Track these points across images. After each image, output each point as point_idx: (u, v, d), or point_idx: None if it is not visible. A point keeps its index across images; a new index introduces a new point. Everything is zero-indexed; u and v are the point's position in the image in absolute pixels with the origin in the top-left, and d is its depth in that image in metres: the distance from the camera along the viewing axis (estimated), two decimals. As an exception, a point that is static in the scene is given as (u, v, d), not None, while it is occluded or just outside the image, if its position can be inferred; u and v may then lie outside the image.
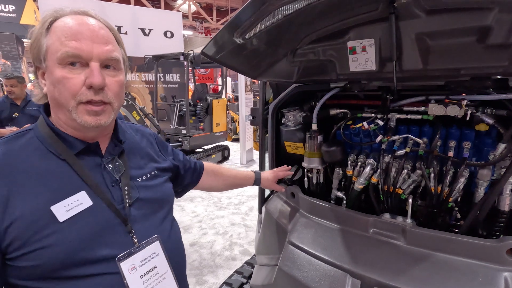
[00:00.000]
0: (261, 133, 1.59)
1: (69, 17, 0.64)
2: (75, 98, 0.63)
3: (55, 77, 0.62)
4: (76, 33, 0.62)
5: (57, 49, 0.61)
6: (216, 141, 6.55)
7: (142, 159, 0.83)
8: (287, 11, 0.86)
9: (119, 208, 0.69)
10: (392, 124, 1.13)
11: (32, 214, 0.59)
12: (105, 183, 0.70)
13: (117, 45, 0.71)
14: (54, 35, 0.62)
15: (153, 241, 0.73)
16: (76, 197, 0.64)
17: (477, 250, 0.87)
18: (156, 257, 0.73)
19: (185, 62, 5.80)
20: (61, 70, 0.62)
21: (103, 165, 0.71)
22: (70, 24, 0.63)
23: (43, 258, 0.59)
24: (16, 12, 10.79)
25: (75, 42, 0.61)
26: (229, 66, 1.14)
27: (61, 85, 0.62)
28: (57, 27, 0.63)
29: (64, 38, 0.61)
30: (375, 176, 1.14)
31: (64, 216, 0.61)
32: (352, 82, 1.17)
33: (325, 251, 1.06)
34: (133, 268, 0.68)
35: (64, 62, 0.62)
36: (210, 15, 19.54)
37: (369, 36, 0.96)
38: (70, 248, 0.61)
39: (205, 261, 2.82)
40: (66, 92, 0.62)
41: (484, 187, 0.98)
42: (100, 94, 0.64)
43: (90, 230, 0.64)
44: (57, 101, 0.64)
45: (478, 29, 0.80)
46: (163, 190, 0.85)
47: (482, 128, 1.00)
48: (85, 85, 0.63)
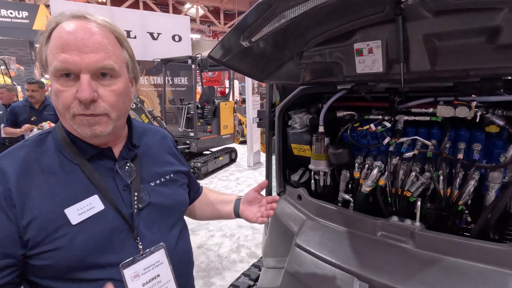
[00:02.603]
0: (268, 136, 1.59)
1: (64, 24, 0.61)
2: (69, 111, 0.61)
3: (53, 89, 0.62)
4: (64, 44, 0.59)
5: (50, 61, 0.60)
6: (223, 144, 6.57)
7: (158, 163, 0.83)
8: (293, 14, 0.86)
9: (127, 213, 0.69)
10: (399, 126, 1.12)
11: (48, 215, 0.61)
12: (117, 188, 0.71)
13: (117, 49, 0.66)
14: (49, 46, 0.61)
15: (158, 249, 0.73)
16: (88, 200, 0.65)
17: (488, 254, 0.86)
18: (160, 266, 0.72)
19: (192, 65, 5.85)
20: (56, 82, 0.61)
21: (115, 170, 0.72)
22: (61, 33, 0.60)
23: (54, 259, 0.60)
24: (29, 18, 11.09)
25: (64, 54, 0.59)
26: (236, 69, 1.15)
27: (57, 98, 0.62)
28: (53, 37, 0.61)
29: (55, 50, 0.59)
30: (382, 179, 1.13)
31: (76, 219, 0.62)
32: (359, 84, 1.17)
33: (332, 254, 1.06)
34: (136, 275, 0.68)
35: (57, 75, 0.60)
36: (217, 19, 19.71)
37: (376, 38, 0.96)
38: (80, 252, 0.62)
39: (212, 263, 2.83)
40: (61, 104, 0.61)
41: (495, 190, 0.96)
42: (91, 108, 0.61)
43: (100, 235, 0.65)
44: (58, 111, 0.65)
45: (487, 30, 0.79)
46: (177, 196, 0.83)
47: (492, 129, 0.98)
48: (76, 99, 0.60)
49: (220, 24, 19.80)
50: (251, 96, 6.20)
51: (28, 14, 11.08)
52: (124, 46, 0.69)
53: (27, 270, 0.62)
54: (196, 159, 5.62)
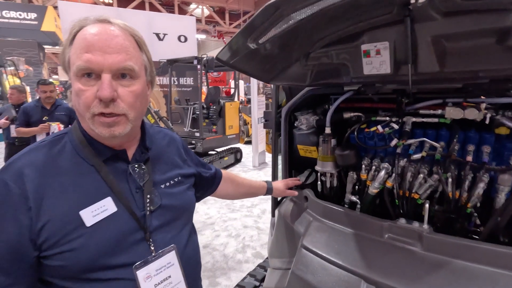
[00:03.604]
0: (274, 137, 1.59)
1: (89, 27, 0.64)
2: (89, 110, 0.63)
3: (74, 89, 0.64)
4: (88, 45, 0.62)
5: (73, 62, 0.63)
6: (228, 144, 6.59)
7: (167, 165, 0.84)
8: (300, 16, 0.86)
9: (140, 215, 0.71)
10: (407, 127, 1.11)
11: (63, 216, 0.62)
12: (130, 190, 0.72)
13: (136, 52, 0.69)
14: (73, 48, 0.64)
15: (170, 250, 0.74)
16: (102, 202, 0.66)
17: (498, 258, 0.84)
18: (171, 267, 0.74)
19: (198, 65, 5.88)
20: (77, 82, 0.63)
21: (128, 172, 0.73)
22: (86, 35, 0.63)
23: (70, 260, 0.62)
24: (37, 19, 11.26)
25: (87, 54, 0.61)
26: (243, 70, 1.16)
27: (78, 97, 0.64)
28: (77, 39, 0.64)
29: (79, 50, 0.62)
30: (390, 181, 1.12)
31: (91, 221, 0.64)
32: (366, 85, 1.16)
33: (338, 256, 1.05)
34: (148, 276, 0.69)
35: (79, 74, 0.62)
36: (223, 19, 19.77)
37: (384, 39, 0.95)
38: (93, 253, 0.63)
39: (218, 263, 2.84)
40: (81, 104, 0.63)
41: (505, 193, 0.95)
42: (110, 107, 0.63)
43: (113, 237, 0.66)
44: (78, 111, 0.67)
45: (497, 31, 0.78)
46: (185, 198, 0.85)
47: (502, 131, 0.97)
48: (97, 98, 0.62)
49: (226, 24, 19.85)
50: (257, 96, 6.20)
51: (37, 15, 11.25)
52: (143, 49, 0.72)
53: (43, 270, 0.64)
54: (201, 159, 5.64)
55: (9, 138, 3.92)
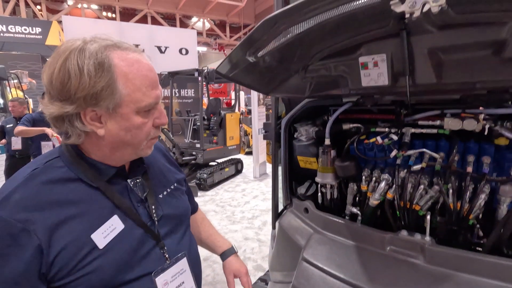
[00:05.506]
0: (274, 148, 1.59)
1: (135, 61, 0.63)
2: (147, 138, 0.70)
3: (133, 123, 0.65)
4: (152, 82, 0.66)
5: (140, 99, 0.64)
6: (229, 155, 6.58)
7: (161, 174, 0.86)
8: (298, 30, 0.87)
9: (150, 226, 0.73)
10: (406, 138, 1.11)
11: (76, 243, 0.61)
12: (132, 204, 0.73)
13: None
14: (131, 84, 0.62)
15: (182, 257, 0.78)
16: (110, 222, 0.67)
17: (501, 271, 0.83)
18: (184, 273, 0.77)
19: (199, 77, 5.94)
20: (138, 116, 0.65)
21: (129, 187, 0.74)
22: (143, 71, 0.64)
23: (86, 284, 0.61)
24: (42, 34, 11.48)
25: (154, 91, 0.67)
26: (242, 83, 1.17)
27: (138, 130, 0.67)
28: (131, 74, 0.62)
29: (145, 88, 0.64)
30: (390, 192, 1.11)
31: (103, 243, 0.64)
32: (364, 97, 1.17)
33: (340, 269, 1.04)
34: (166, 283, 0.72)
35: (142, 110, 0.66)
36: (223, 32, 20.10)
37: (381, 51, 0.96)
38: (110, 272, 0.64)
39: (219, 276, 2.79)
40: (142, 135, 0.68)
41: (507, 204, 0.94)
42: (159, 129, 0.74)
43: (125, 253, 0.67)
44: (127, 144, 0.68)
45: (493, 43, 0.79)
46: (182, 204, 0.88)
47: (502, 142, 0.97)
48: (154, 125, 0.70)
49: (226, 37, 20.18)
50: (257, 107, 6.24)
51: (41, 30, 11.48)
52: None
53: None
54: (202, 170, 5.64)
55: (10, 151, 3.94)
